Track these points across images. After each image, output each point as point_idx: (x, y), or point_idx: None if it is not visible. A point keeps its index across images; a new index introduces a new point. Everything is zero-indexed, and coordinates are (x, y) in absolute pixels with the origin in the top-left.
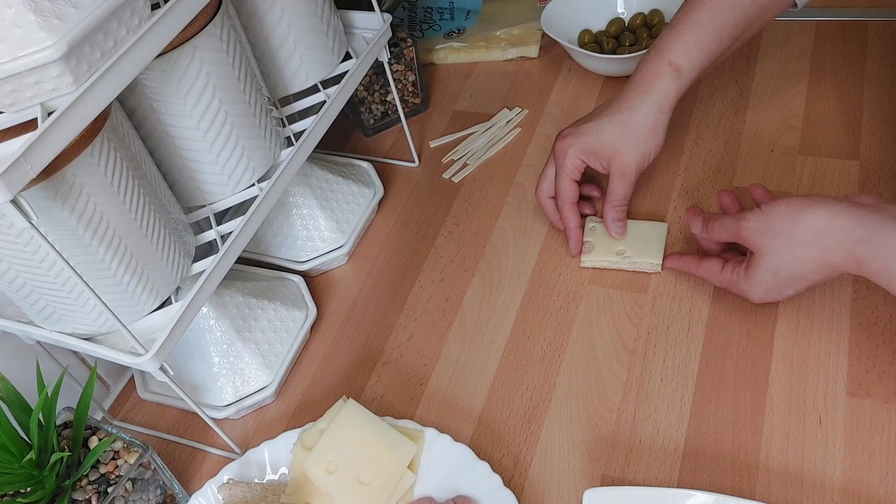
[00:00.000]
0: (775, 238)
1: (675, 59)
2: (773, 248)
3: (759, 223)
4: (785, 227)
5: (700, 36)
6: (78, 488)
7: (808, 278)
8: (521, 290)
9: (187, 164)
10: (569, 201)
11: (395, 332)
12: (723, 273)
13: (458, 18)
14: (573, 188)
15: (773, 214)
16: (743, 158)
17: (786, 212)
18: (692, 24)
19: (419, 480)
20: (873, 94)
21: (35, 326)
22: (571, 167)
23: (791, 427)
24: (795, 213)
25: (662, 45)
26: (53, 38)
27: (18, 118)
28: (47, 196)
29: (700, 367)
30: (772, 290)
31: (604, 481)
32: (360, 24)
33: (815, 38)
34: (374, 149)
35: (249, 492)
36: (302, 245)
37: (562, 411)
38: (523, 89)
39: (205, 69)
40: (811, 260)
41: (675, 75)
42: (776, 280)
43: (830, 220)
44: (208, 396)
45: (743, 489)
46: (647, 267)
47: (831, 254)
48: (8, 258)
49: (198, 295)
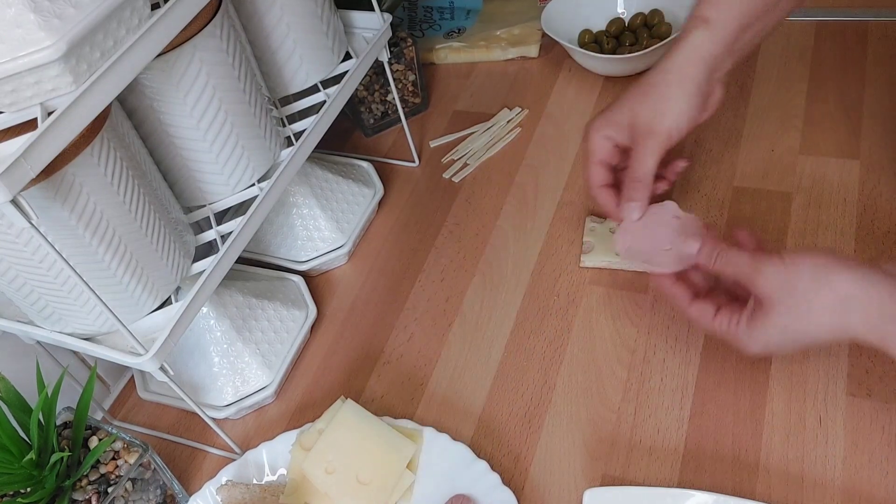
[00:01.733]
0: (795, 296)
1: (703, 12)
2: (790, 304)
3: (779, 276)
4: (809, 287)
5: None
6: (78, 488)
7: (818, 342)
8: (521, 290)
9: (187, 164)
10: (597, 184)
11: (395, 332)
12: (716, 319)
13: (459, 18)
14: (599, 171)
15: (797, 271)
16: (743, 158)
17: (812, 270)
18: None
19: (418, 480)
20: (873, 93)
21: (35, 326)
22: (597, 147)
23: (791, 427)
24: (823, 273)
25: (695, 5)
26: (53, 38)
27: (18, 118)
28: (47, 196)
29: (700, 367)
30: (773, 347)
31: (604, 481)
32: (360, 24)
33: (815, 39)
34: (374, 149)
35: (248, 493)
36: (302, 245)
37: (562, 411)
38: (523, 89)
39: (205, 69)
40: (830, 327)
41: (703, 26)
42: (782, 338)
43: (859, 289)
44: (208, 396)
45: (743, 489)
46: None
47: (855, 326)
48: (8, 258)
49: (198, 295)
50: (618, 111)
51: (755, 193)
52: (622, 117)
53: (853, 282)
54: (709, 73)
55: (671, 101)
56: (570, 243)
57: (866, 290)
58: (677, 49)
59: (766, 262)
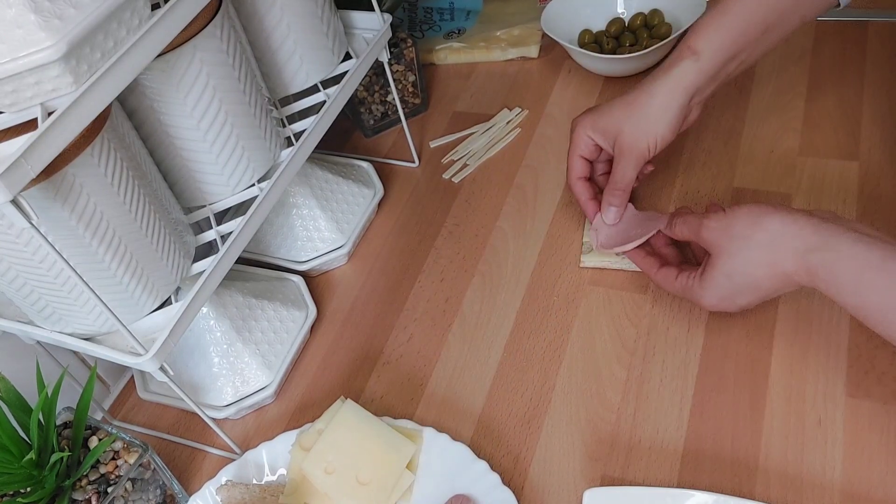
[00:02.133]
0: (733, 240)
1: (693, 44)
2: (730, 249)
3: (719, 224)
4: (744, 229)
5: (723, 22)
6: (78, 488)
7: (762, 286)
8: (521, 291)
9: (187, 165)
10: (575, 176)
11: (395, 333)
12: (678, 279)
13: (459, 19)
14: (581, 164)
15: (734, 216)
16: (743, 159)
17: (747, 215)
18: (716, 12)
19: (418, 480)
20: (873, 94)
21: (35, 326)
22: (580, 142)
23: (790, 428)
24: (756, 216)
25: (687, 34)
26: (53, 39)
27: (18, 118)
28: (47, 196)
29: (700, 368)
30: (725, 297)
31: (604, 481)
32: (361, 25)
33: (814, 39)
34: (374, 149)
35: (248, 493)
36: (302, 245)
37: (562, 411)
38: (523, 90)
39: (205, 69)
40: (765, 265)
41: (692, 58)
42: (730, 284)
43: (786, 226)
44: (208, 396)
45: (743, 489)
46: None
47: (784, 260)
48: (8, 258)
49: (198, 295)
50: (606, 118)
51: (755, 194)
52: (609, 127)
53: (781, 220)
54: (690, 99)
55: (653, 124)
56: (569, 243)
57: (792, 226)
58: (665, 76)
59: (710, 215)
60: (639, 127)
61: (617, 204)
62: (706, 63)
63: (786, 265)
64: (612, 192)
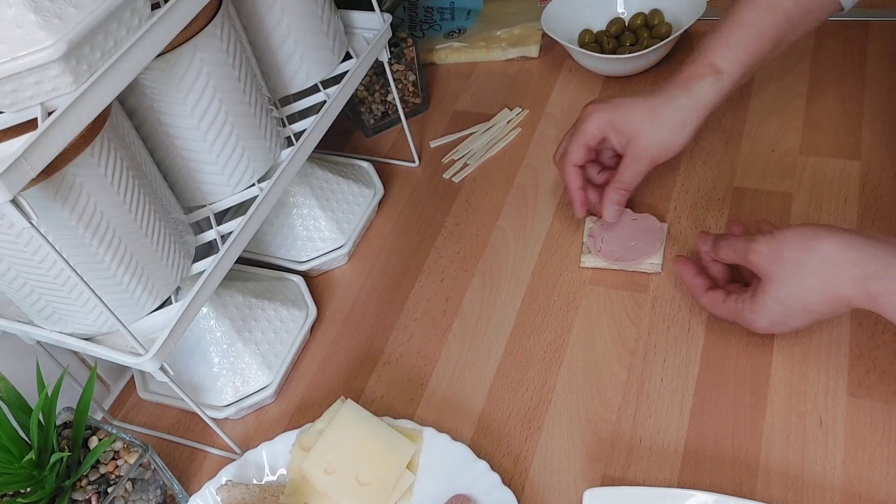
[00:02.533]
0: (785, 266)
1: (716, 62)
2: (782, 276)
3: (768, 248)
4: (796, 254)
5: (741, 38)
6: (78, 488)
7: (816, 311)
8: (521, 291)
9: (187, 164)
10: (572, 162)
11: (395, 333)
12: (725, 304)
13: (459, 18)
14: (583, 152)
15: (783, 241)
16: (743, 158)
17: (798, 238)
18: (733, 25)
19: (418, 480)
20: (874, 94)
21: (35, 326)
22: (590, 132)
23: (791, 427)
24: (807, 239)
25: (706, 47)
26: (53, 38)
27: (18, 118)
28: (47, 196)
29: (700, 368)
30: (777, 321)
31: (604, 481)
32: (361, 24)
33: (815, 39)
34: (375, 149)
35: (248, 493)
36: (302, 245)
37: (562, 411)
38: (523, 89)
39: (205, 69)
40: (820, 291)
41: (715, 77)
42: (783, 310)
43: (841, 251)
44: (208, 396)
45: (743, 489)
46: (647, 267)
47: (841, 286)
48: (8, 258)
49: (198, 295)
50: (626, 116)
51: (755, 194)
52: (626, 127)
53: (836, 244)
54: (707, 116)
55: (673, 136)
56: (570, 243)
57: (848, 251)
58: (687, 91)
59: (757, 239)
60: (659, 135)
61: (620, 203)
62: (727, 82)
63: (843, 291)
64: (618, 191)
